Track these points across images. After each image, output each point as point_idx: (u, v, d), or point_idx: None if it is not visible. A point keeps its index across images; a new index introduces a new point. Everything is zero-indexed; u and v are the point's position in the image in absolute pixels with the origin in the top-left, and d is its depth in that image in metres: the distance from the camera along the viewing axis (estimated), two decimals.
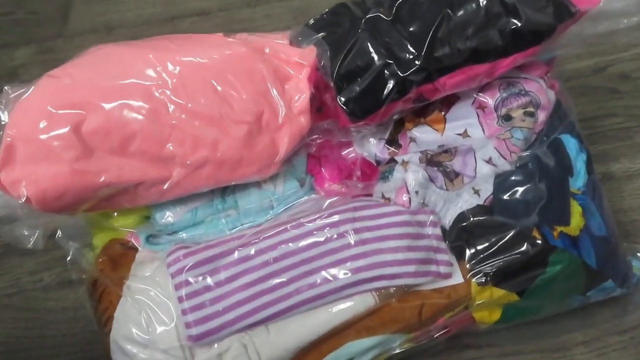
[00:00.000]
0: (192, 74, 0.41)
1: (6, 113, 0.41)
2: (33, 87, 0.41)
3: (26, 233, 0.42)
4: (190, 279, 0.41)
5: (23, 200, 0.38)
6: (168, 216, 0.45)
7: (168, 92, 0.40)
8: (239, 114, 0.41)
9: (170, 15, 0.86)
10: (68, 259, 0.47)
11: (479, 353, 0.55)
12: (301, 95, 0.43)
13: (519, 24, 0.44)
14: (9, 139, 0.38)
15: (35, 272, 0.62)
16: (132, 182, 0.39)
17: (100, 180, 0.38)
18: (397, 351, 0.45)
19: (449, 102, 0.50)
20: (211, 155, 0.41)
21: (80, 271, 0.48)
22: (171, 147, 0.40)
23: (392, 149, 0.49)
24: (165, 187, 0.40)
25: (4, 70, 0.79)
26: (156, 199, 0.42)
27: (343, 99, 0.44)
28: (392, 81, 0.44)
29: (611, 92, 0.71)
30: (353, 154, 0.49)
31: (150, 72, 0.40)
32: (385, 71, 0.44)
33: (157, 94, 0.40)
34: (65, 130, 0.38)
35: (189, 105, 0.41)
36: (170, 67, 0.41)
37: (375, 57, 0.44)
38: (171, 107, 0.40)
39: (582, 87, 0.71)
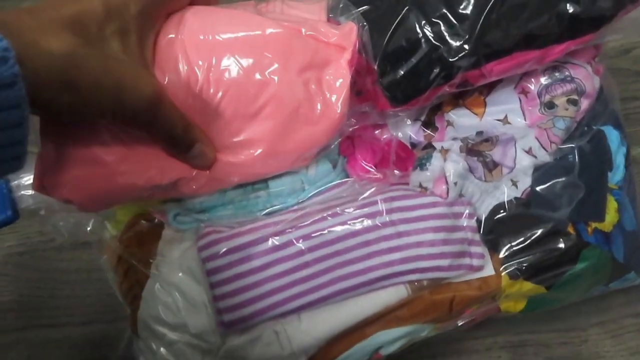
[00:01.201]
0: (222, 57, 0.37)
1: None
2: None
3: (61, 223, 0.40)
4: (223, 265, 0.40)
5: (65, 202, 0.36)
6: None
7: (199, 84, 0.37)
8: (274, 108, 0.38)
9: None
10: (88, 229, 0.46)
11: (497, 330, 0.56)
12: (341, 83, 0.40)
13: (578, 10, 0.41)
14: (50, 143, 0.35)
15: (47, 232, 0.61)
16: (173, 180, 0.37)
17: (143, 180, 0.36)
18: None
19: (490, 85, 0.47)
20: (245, 152, 0.39)
21: (102, 242, 0.46)
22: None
23: (428, 131, 0.47)
24: (201, 182, 0.38)
25: None
26: (191, 193, 0.40)
27: (385, 83, 0.42)
28: (438, 66, 0.41)
29: (635, 75, 0.69)
30: (387, 135, 0.47)
31: (182, 62, 0.36)
32: (432, 55, 0.41)
33: (188, 86, 0.36)
34: (107, 132, 0.35)
35: (222, 96, 0.37)
36: (203, 53, 0.37)
37: (422, 39, 0.41)
38: (204, 100, 0.37)
39: (607, 68, 0.69)
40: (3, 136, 0.27)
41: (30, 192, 0.37)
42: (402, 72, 0.41)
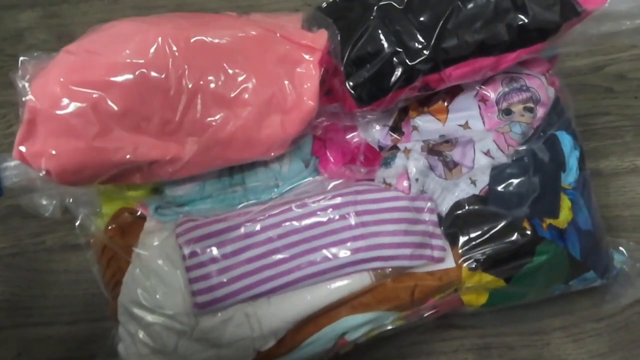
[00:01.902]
0: (204, 55, 0.42)
1: (26, 84, 0.41)
2: (52, 62, 0.41)
3: (44, 202, 0.43)
4: (198, 250, 0.43)
5: (43, 173, 0.39)
6: (177, 189, 0.46)
7: (180, 73, 0.41)
8: (249, 97, 0.42)
9: None
10: (77, 223, 0.49)
11: (463, 333, 0.58)
12: (311, 79, 0.44)
13: (526, 21, 0.45)
14: (30, 114, 0.39)
15: (38, 234, 0.64)
16: (146, 159, 0.41)
17: (118, 157, 0.40)
18: (389, 328, 0.47)
19: (453, 93, 0.51)
20: (220, 136, 0.42)
21: (89, 236, 0.49)
22: (184, 127, 0.42)
23: (395, 136, 0.51)
24: (177, 166, 0.42)
25: (9, 33, 0.79)
26: (167, 177, 0.43)
27: (351, 84, 0.46)
28: (399, 69, 0.45)
29: (606, 91, 0.73)
30: (357, 139, 0.51)
31: (164, 51, 0.41)
32: (394, 59, 0.45)
33: (170, 74, 0.41)
34: (84, 107, 0.39)
35: (200, 85, 0.42)
36: (182, 46, 0.41)
37: (385, 45, 0.45)
38: (183, 88, 0.41)
39: (579, 84, 0.73)
40: None
41: (15, 171, 0.40)
42: (366, 75, 0.45)
